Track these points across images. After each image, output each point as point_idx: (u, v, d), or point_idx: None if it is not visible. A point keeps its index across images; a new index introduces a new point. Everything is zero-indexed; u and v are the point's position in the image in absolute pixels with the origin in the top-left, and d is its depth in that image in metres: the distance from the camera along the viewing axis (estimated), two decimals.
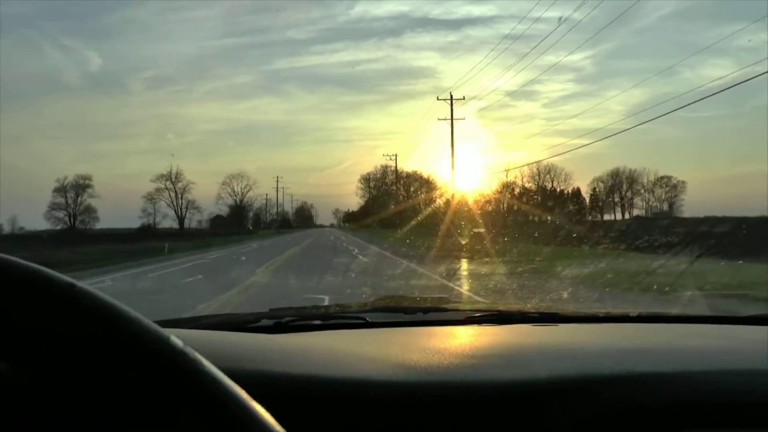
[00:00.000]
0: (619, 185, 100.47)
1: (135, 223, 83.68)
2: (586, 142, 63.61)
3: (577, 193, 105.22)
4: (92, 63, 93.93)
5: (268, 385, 0.39)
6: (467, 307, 1.84)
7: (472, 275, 14.32)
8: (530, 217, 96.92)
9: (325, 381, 0.76)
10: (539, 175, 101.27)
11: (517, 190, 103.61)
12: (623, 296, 9.50)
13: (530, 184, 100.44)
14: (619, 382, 0.83)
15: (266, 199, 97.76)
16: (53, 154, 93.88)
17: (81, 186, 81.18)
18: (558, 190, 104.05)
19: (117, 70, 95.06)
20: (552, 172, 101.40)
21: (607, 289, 9.65)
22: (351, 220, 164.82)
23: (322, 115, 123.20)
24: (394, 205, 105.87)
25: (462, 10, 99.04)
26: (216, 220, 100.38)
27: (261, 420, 0.40)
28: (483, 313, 1.59)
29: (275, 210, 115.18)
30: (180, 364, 0.40)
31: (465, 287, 11.32)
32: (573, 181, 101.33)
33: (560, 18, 27.05)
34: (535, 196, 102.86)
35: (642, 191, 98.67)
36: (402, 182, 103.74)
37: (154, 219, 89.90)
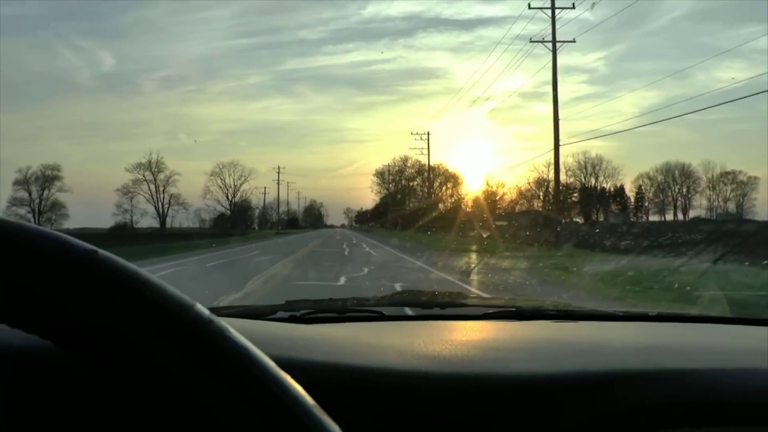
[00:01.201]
0: (673, 182, 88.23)
1: (110, 222, 72.60)
2: (625, 127, 51.94)
3: (620, 191, 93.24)
4: (105, 63, 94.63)
5: (292, 372, 0.40)
6: (484, 302, 1.80)
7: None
8: (571, 217, 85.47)
9: (349, 369, 0.75)
10: (585, 168, 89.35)
11: (551, 188, 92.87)
12: None
13: (571, 179, 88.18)
14: (642, 379, 0.81)
15: (264, 193, 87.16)
16: (66, 154, 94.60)
17: (47, 178, 71.18)
18: (598, 187, 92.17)
19: (129, 70, 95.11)
20: (596, 166, 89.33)
21: None
22: (364, 220, 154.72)
23: (334, 115, 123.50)
24: (415, 202, 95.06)
25: (474, 10, 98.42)
26: (218, 220, 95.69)
27: (289, 388, 0.39)
28: (501, 309, 1.57)
29: (283, 208, 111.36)
30: (206, 331, 0.39)
31: None
32: (621, 176, 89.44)
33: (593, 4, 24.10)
34: (574, 194, 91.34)
35: (703, 188, 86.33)
36: (423, 176, 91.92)
37: (131, 217, 78.88)
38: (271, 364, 0.40)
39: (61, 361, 0.55)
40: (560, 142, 26.48)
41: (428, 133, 61.57)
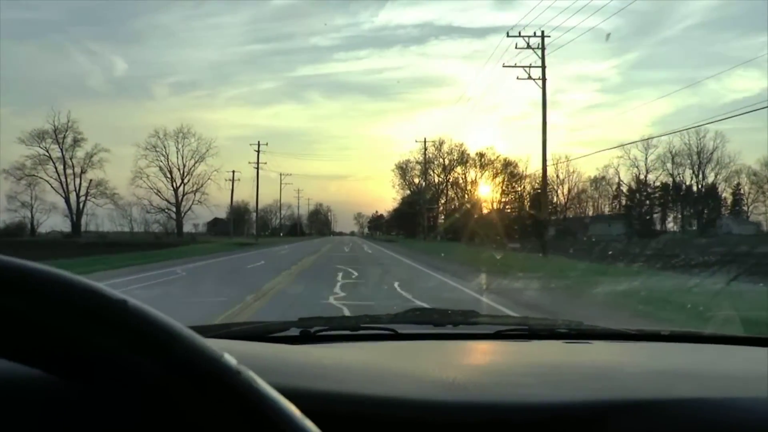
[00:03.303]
0: None
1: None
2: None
3: (711, 190, 71.25)
4: (118, 68, 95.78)
5: (303, 401, 0.40)
6: (496, 320, 1.82)
7: None
8: (654, 224, 64.17)
9: (363, 399, 0.75)
10: (697, 154, 67.26)
11: (624, 187, 71.70)
12: None
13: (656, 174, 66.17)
14: (654, 408, 0.79)
15: (233, 179, 61.49)
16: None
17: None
18: (684, 185, 70.14)
19: (142, 75, 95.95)
20: (707, 152, 67.34)
21: None
22: (379, 226, 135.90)
23: (345, 122, 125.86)
24: (455, 200, 73.90)
25: (486, 18, 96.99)
26: (214, 224, 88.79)
27: None
28: (513, 328, 1.60)
29: (286, 212, 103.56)
30: (235, 383, 0.39)
31: None
32: (736, 164, 67.83)
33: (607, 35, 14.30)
34: (656, 194, 69.83)
35: None
36: (468, 165, 70.14)
37: (32, 214, 55.73)
38: (297, 414, 0.40)
39: (96, 409, 0.56)
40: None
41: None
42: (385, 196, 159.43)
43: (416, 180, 77.19)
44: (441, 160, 71.44)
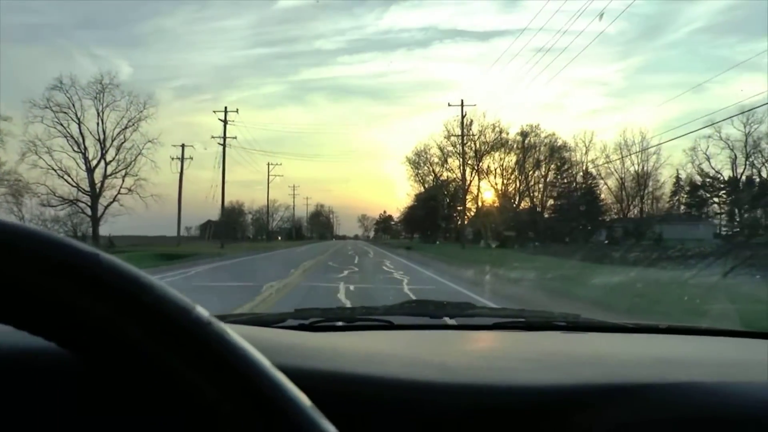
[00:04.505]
0: None
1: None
2: None
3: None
4: (122, 71, 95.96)
5: (295, 379, 0.40)
6: (493, 312, 1.80)
7: None
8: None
9: (352, 378, 0.75)
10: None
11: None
12: None
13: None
14: (649, 392, 0.80)
15: (181, 158, 44.48)
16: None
17: None
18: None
19: (146, 79, 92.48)
20: None
21: None
22: (387, 228, 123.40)
23: (349, 125, 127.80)
24: (493, 192, 59.83)
25: (492, 22, 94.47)
26: (206, 227, 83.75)
27: (286, 389, 0.39)
28: (509, 319, 1.58)
29: (284, 214, 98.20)
30: (205, 332, 0.39)
31: None
32: None
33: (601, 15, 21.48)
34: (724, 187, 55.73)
35: None
36: (508, 147, 55.80)
37: None
38: (268, 365, 0.40)
39: (64, 361, 0.56)
40: None
41: None
42: (389, 199, 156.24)
43: (436, 169, 63.12)
44: (470, 143, 57.33)
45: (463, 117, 38.67)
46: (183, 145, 44.19)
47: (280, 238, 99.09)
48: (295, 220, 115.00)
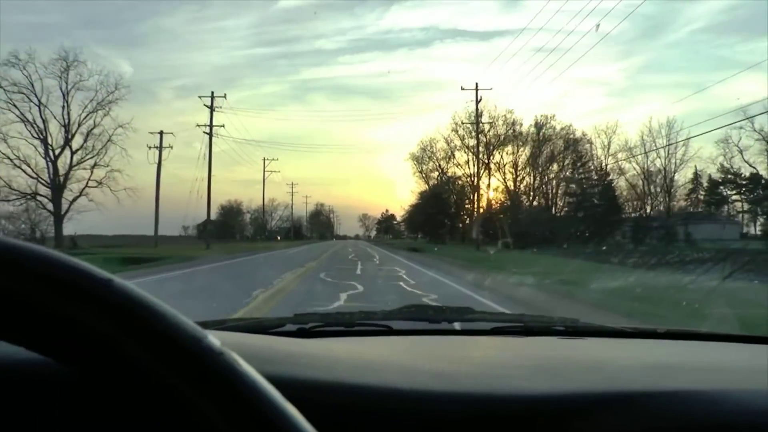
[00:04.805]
0: None
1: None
2: None
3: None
4: (123, 71, 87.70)
5: (292, 390, 0.41)
6: (492, 317, 1.77)
7: None
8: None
9: (351, 388, 0.75)
10: None
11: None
12: None
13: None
14: (647, 399, 0.80)
15: (159, 147, 38.67)
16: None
17: None
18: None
19: (147, 78, 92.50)
20: None
21: None
22: (389, 228, 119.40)
23: (350, 124, 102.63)
24: (495, 190, 55.81)
25: (493, 22, 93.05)
26: (205, 227, 71.61)
27: (298, 424, 0.39)
28: (508, 324, 1.57)
29: (281, 213, 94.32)
30: (216, 363, 0.39)
31: None
32: None
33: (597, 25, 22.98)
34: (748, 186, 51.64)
35: None
36: (522, 139, 51.77)
37: None
38: (279, 397, 0.40)
39: (73, 383, 0.57)
40: None
41: None
42: (390, 199, 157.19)
43: (443, 165, 59.10)
44: (480, 136, 53.29)
45: (477, 102, 34.62)
46: (161, 132, 39.30)
47: (279, 237, 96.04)
48: (294, 219, 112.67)
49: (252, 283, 12.02)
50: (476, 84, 34.72)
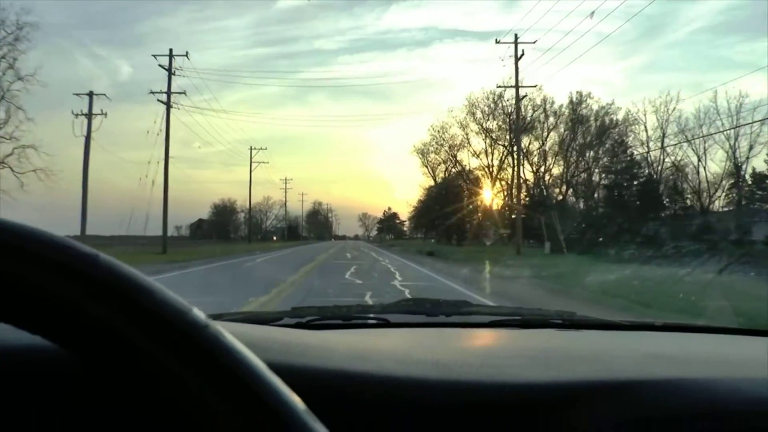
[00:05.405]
0: None
1: None
2: None
3: None
4: (122, 72, 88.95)
5: (288, 376, 0.42)
6: (489, 311, 1.83)
7: None
8: None
9: (345, 375, 0.75)
10: None
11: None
12: None
13: None
14: (642, 388, 0.80)
15: (89, 107, 27.82)
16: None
17: None
18: None
19: (146, 78, 74.59)
20: None
21: None
22: (392, 228, 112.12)
23: (349, 125, 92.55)
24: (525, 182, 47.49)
25: (491, 22, 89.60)
26: (198, 226, 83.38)
27: (280, 392, 0.40)
28: (505, 317, 1.59)
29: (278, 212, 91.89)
30: (201, 335, 0.40)
31: None
32: None
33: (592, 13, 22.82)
34: None
35: None
36: (557, 118, 43.66)
37: None
38: (263, 367, 0.40)
39: (62, 360, 0.57)
40: None
41: None
42: (391, 199, 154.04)
43: (455, 153, 51.22)
44: (504, 117, 45.36)
45: (517, 59, 26.64)
46: (91, 93, 29.76)
47: (275, 238, 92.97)
48: (292, 219, 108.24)
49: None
50: (515, 35, 26.84)
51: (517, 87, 27.17)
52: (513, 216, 31.55)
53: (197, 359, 0.39)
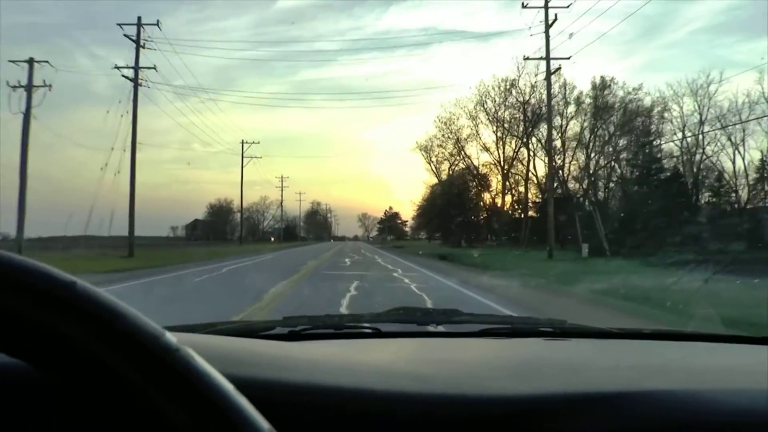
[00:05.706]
0: None
1: None
2: None
3: None
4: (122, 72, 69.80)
5: (274, 392, 0.41)
6: (480, 319, 1.76)
7: None
8: None
9: (331, 390, 0.76)
10: None
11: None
12: None
13: None
14: (628, 400, 0.80)
15: (29, 79, 23.02)
16: (83, 162, 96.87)
17: None
18: None
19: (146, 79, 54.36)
20: None
21: None
22: (393, 228, 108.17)
23: (349, 125, 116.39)
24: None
25: (490, 23, 77.37)
26: (194, 227, 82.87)
27: (249, 418, 0.41)
28: (495, 326, 1.59)
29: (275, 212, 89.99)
30: (172, 358, 0.41)
31: None
32: None
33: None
34: None
35: None
36: (591, 100, 39.37)
37: None
38: (232, 390, 0.42)
39: (37, 379, 0.58)
40: None
41: None
42: (391, 199, 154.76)
43: (461, 147, 47.05)
44: (518, 104, 41.29)
45: (548, 26, 22.70)
46: (31, 60, 25.50)
47: (273, 239, 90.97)
48: (290, 219, 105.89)
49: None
50: (546, 1, 22.92)
51: (548, 59, 23.12)
52: (528, 215, 27.38)
53: (169, 381, 0.41)
